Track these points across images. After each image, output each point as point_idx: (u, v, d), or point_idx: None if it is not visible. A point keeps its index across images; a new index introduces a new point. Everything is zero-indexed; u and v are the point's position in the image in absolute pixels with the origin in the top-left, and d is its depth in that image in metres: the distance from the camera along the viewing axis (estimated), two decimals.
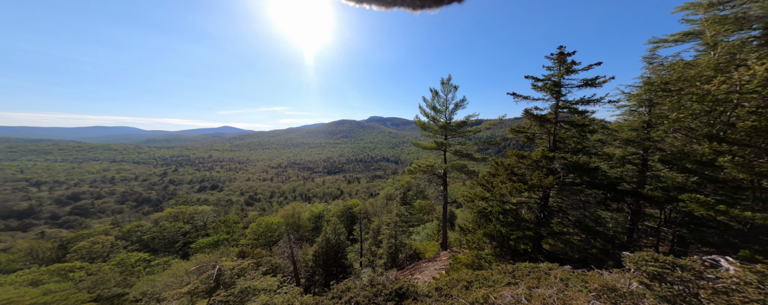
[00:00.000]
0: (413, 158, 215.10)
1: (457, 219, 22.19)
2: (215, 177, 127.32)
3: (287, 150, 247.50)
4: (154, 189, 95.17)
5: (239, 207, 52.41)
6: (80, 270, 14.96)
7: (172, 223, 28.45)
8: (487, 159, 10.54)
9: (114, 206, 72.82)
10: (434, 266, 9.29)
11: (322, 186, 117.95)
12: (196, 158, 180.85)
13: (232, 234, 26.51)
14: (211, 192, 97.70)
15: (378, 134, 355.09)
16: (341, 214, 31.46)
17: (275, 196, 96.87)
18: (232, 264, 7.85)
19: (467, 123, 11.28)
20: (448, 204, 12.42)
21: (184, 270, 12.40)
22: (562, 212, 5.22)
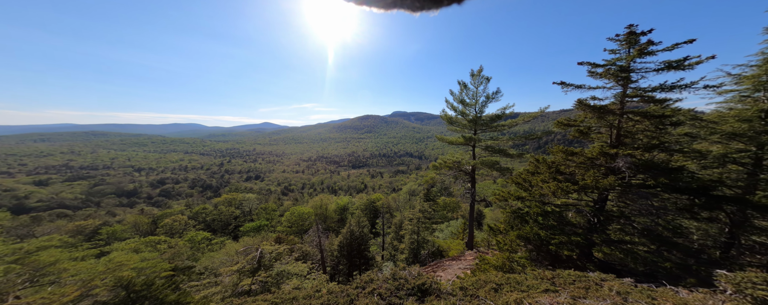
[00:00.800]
0: (438, 154, 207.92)
1: (486, 219, 20.83)
2: (258, 168, 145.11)
3: (316, 144, 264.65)
4: (214, 177, 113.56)
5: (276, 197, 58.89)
6: (163, 243, 18.85)
7: (226, 208, 33.75)
8: (524, 156, 9.48)
9: (187, 190, 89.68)
10: (458, 265, 8.98)
11: (347, 180, 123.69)
12: (244, 151, 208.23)
13: (271, 221, 29.99)
14: (255, 182, 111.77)
15: (401, 129, 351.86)
16: (365, 207, 32.63)
17: (306, 187, 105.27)
18: (271, 248, 8.72)
19: (501, 117, 10.27)
20: (476, 202, 11.70)
21: (234, 250, 14.48)
22: (624, 219, 4.39)
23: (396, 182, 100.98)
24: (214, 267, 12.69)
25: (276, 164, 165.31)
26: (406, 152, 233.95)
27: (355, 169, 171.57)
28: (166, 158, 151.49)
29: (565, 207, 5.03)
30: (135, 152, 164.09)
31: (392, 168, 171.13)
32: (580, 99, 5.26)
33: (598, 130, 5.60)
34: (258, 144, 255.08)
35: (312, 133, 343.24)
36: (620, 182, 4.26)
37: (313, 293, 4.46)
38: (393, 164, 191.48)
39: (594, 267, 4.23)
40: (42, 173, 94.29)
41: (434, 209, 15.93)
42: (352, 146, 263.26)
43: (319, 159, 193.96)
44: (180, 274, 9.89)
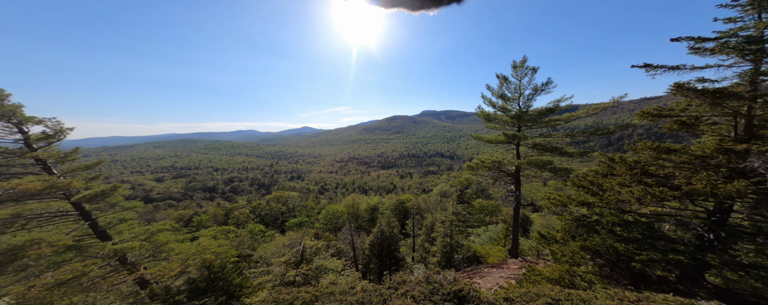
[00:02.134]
0: (472, 154, 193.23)
1: (533, 225, 18.34)
2: (299, 169, 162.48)
3: (347, 146, 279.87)
4: (266, 176, 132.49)
5: (314, 195, 64.66)
6: (232, 233, 22.73)
7: (275, 204, 38.79)
8: (590, 155, 7.87)
9: (247, 187, 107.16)
10: (499, 273, 8.07)
11: (377, 180, 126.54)
12: (288, 153, 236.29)
13: (310, 218, 32.98)
14: (297, 181, 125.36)
15: (431, 129, 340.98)
16: (394, 208, 32.71)
17: (339, 187, 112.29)
18: (311, 243, 9.40)
19: (554, 110, 8.83)
20: (521, 207, 10.33)
21: (282, 243, 16.32)
22: (763, 236, 3.17)
23: (426, 183, 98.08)
24: (267, 257, 14.23)
25: (314, 165, 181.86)
26: (436, 152, 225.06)
27: (385, 169, 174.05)
28: (233, 160, 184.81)
29: (656, 217, 3.94)
30: (213, 155, 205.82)
31: (422, 169, 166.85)
32: (679, 83, 4.06)
33: (711, 120, 4.23)
34: (299, 147, 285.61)
35: (343, 135, 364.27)
36: (756, 189, 3.09)
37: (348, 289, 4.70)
38: (422, 164, 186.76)
39: (707, 295, 3.15)
40: (159, 172, 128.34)
41: (469, 212, 14.86)
42: (380, 146, 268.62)
43: (351, 160, 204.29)
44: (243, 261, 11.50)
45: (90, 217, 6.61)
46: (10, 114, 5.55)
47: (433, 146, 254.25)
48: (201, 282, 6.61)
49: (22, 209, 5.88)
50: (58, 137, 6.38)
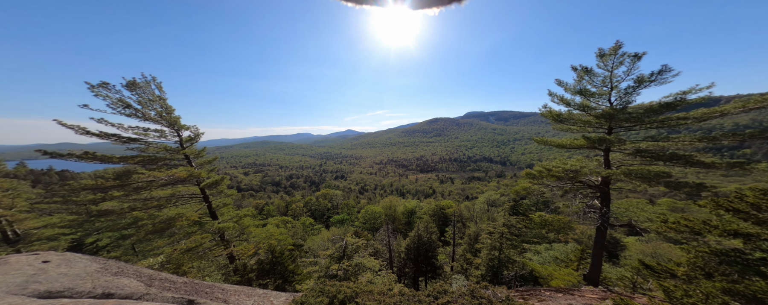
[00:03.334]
0: (531, 159, 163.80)
1: (626, 251, 14.21)
2: (343, 169, 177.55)
3: (387, 149, 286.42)
4: (316, 175, 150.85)
5: (355, 195, 68.95)
6: (289, 223, 26.64)
7: (323, 200, 43.49)
8: (747, 166, 5.25)
9: (302, 184, 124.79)
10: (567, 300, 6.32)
11: (415, 184, 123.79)
12: (334, 154, 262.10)
13: (351, 216, 35.18)
14: (340, 180, 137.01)
15: (477, 132, 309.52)
16: (433, 213, 31.16)
17: (378, 188, 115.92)
18: (353, 241, 9.88)
19: (677, 105, 6.37)
20: (610, 227, 7.91)
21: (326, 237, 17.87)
22: None
23: (470, 190, 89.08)
24: (314, 249, 15.58)
25: (355, 166, 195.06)
26: (483, 157, 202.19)
27: (424, 173, 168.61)
28: (293, 159, 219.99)
29: None
30: (279, 154, 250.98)
31: (465, 174, 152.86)
32: None
33: None
34: (343, 149, 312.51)
35: (383, 138, 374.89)
36: None
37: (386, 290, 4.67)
38: (466, 169, 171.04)
39: None
40: (245, 168, 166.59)
41: (526, 226, 12.59)
42: (420, 150, 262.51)
43: (389, 163, 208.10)
44: (296, 250, 13.08)
45: (208, 200, 9.15)
46: (174, 123, 8.38)
47: (479, 150, 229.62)
48: (266, 264, 8.00)
49: (174, 190, 8.73)
50: (196, 139, 9.12)
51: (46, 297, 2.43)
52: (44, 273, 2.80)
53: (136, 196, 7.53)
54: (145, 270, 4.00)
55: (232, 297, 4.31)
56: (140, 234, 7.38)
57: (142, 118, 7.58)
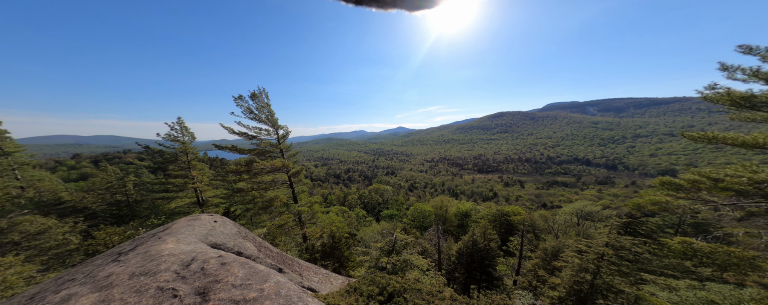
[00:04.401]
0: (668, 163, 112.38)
1: None
2: (393, 166, 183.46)
3: (439, 146, 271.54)
4: (369, 170, 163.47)
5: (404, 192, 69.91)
6: (346, 213, 30.12)
7: (374, 195, 46.85)
8: None
9: (357, 178, 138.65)
10: None
11: (471, 184, 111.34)
12: (386, 151, 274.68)
13: (399, 212, 36.01)
14: (391, 176, 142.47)
15: (564, 126, 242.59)
16: (493, 218, 27.26)
17: (428, 187, 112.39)
18: (402, 237, 10.08)
19: None
20: None
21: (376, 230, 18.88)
22: None
23: (549, 197, 71.47)
24: (365, 240, 16.70)
25: (405, 163, 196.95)
26: (572, 158, 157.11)
27: (483, 173, 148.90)
28: (350, 154, 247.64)
29: None
30: (340, 150, 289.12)
31: (542, 178, 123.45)
32: None
33: None
34: (394, 145, 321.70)
35: (435, 135, 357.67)
36: None
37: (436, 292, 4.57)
38: (544, 172, 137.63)
39: None
40: (315, 161, 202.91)
41: (654, 252, 8.91)
42: (478, 148, 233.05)
43: (442, 161, 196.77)
44: (351, 238, 14.63)
45: (292, 186, 11.97)
46: (274, 123, 11.30)
47: (566, 148, 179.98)
48: (328, 247, 9.52)
49: (273, 177, 11.93)
50: (286, 136, 12.04)
51: (213, 246, 4.09)
52: (214, 229, 4.68)
53: (254, 179, 10.86)
54: (257, 237, 5.81)
55: (305, 272, 5.51)
56: (255, 208, 10.61)
57: (257, 120, 10.54)
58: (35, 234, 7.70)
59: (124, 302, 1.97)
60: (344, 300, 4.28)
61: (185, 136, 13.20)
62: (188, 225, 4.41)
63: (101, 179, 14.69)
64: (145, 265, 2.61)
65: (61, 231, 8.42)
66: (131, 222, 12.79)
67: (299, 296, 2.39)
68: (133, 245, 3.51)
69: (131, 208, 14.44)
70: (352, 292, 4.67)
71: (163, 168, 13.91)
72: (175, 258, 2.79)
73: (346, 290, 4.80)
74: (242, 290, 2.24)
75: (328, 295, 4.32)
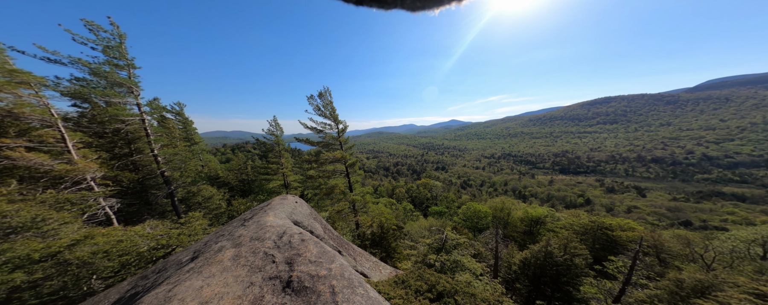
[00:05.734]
0: None
1: None
2: (444, 161, 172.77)
3: (502, 141, 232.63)
4: (418, 164, 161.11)
5: (456, 189, 64.75)
6: (394, 205, 30.84)
7: (423, 190, 45.99)
8: None
9: (405, 171, 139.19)
10: None
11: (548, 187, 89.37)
12: (436, 145, 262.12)
13: (449, 210, 33.73)
14: (441, 172, 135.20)
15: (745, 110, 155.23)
16: (583, 231, 21.10)
17: (485, 185, 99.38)
18: (453, 236, 9.62)
19: None
20: None
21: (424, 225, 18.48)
22: None
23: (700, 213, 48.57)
24: (412, 234, 16.81)
25: (458, 158, 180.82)
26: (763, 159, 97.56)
27: (569, 175, 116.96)
28: (399, 148, 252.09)
29: None
30: (389, 143, 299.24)
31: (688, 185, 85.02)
32: None
33: None
34: (446, 139, 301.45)
35: (497, 128, 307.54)
36: None
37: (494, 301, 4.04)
38: (690, 177, 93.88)
39: None
40: (368, 153, 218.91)
41: None
42: (563, 143, 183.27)
43: (505, 157, 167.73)
44: (398, 230, 15.17)
45: (348, 176, 13.53)
46: (336, 119, 12.99)
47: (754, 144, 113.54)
48: (377, 237, 10.15)
49: (334, 167, 13.87)
50: (345, 130, 13.65)
51: (295, 223, 5.22)
52: (295, 208, 5.98)
53: (320, 168, 13.01)
54: (323, 220, 6.95)
55: (358, 257, 6.14)
56: (320, 194, 12.73)
57: (323, 116, 12.39)
58: (207, 198, 12.44)
59: (246, 258, 2.84)
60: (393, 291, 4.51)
61: (278, 130, 17.27)
62: (280, 203, 5.81)
63: (235, 163, 21.67)
64: (257, 232, 3.65)
65: (218, 198, 13.17)
66: (250, 196, 18.29)
67: (359, 280, 2.67)
68: (251, 214, 4.99)
69: (250, 185, 20.56)
70: (399, 284, 4.84)
71: (265, 156, 18.85)
72: (274, 230, 3.75)
73: (394, 281, 5.02)
74: (316, 266, 2.73)
75: (378, 283, 4.64)
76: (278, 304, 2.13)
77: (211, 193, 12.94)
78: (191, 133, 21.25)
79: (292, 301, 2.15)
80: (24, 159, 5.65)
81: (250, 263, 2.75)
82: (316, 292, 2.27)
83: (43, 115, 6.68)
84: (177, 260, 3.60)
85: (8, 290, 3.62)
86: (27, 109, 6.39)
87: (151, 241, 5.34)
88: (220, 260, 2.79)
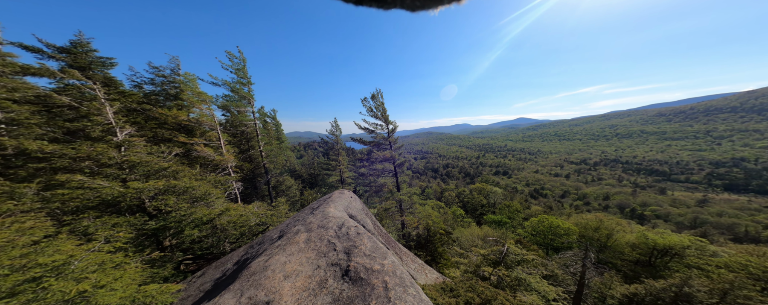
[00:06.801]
0: None
1: None
2: (507, 164, 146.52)
3: (602, 142, 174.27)
4: (472, 167, 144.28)
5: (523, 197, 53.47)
6: (442, 209, 29.16)
7: (477, 195, 40.80)
8: None
9: (456, 174, 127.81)
10: None
11: (696, 208, 59.03)
12: (496, 147, 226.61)
13: (512, 221, 28.25)
14: (501, 177, 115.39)
15: None
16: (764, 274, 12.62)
17: (569, 197, 77.30)
18: (518, 251, 8.36)
19: None
20: None
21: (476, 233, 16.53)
22: None
23: None
24: (461, 241, 15.66)
25: (527, 163, 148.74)
26: None
27: (737, 193, 74.54)
28: (450, 149, 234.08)
29: None
30: (438, 144, 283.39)
31: None
32: None
33: None
34: (509, 140, 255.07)
35: (594, 126, 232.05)
36: None
37: None
38: None
39: None
40: (416, 154, 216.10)
41: None
42: (729, 146, 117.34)
43: (609, 163, 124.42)
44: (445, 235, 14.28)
45: (396, 175, 13.87)
46: (386, 119, 13.67)
47: None
48: (422, 239, 9.84)
49: (384, 166, 14.56)
50: (395, 130, 14.07)
51: (350, 216, 5.88)
52: (350, 203, 6.74)
53: (371, 167, 14.00)
54: (373, 216, 7.46)
55: (405, 257, 6.19)
56: (370, 191, 13.65)
57: (375, 117, 13.23)
58: (288, 187, 15.96)
59: (315, 243, 3.46)
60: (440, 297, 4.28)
61: (337, 130, 19.84)
62: (339, 197, 6.68)
63: (306, 159, 26.67)
64: (323, 220, 4.37)
65: (295, 188, 16.66)
66: (315, 188, 22.00)
67: (411, 281, 2.72)
68: (317, 204, 6.01)
69: (315, 179, 24.72)
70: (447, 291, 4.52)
71: (327, 153, 22.10)
72: (335, 220, 4.38)
73: (442, 287, 4.75)
74: (370, 260, 2.98)
75: (424, 286, 4.54)
76: (338, 290, 2.49)
77: (291, 183, 16.48)
78: (280, 133, 27.77)
79: (349, 289, 2.45)
80: (203, 152, 9.14)
81: (317, 247, 3.34)
82: (370, 285, 2.48)
83: (211, 122, 10.55)
84: (270, 236, 4.84)
85: (190, 240, 6.02)
86: (205, 118, 10.28)
87: (257, 218, 7.42)
88: (296, 241, 3.54)
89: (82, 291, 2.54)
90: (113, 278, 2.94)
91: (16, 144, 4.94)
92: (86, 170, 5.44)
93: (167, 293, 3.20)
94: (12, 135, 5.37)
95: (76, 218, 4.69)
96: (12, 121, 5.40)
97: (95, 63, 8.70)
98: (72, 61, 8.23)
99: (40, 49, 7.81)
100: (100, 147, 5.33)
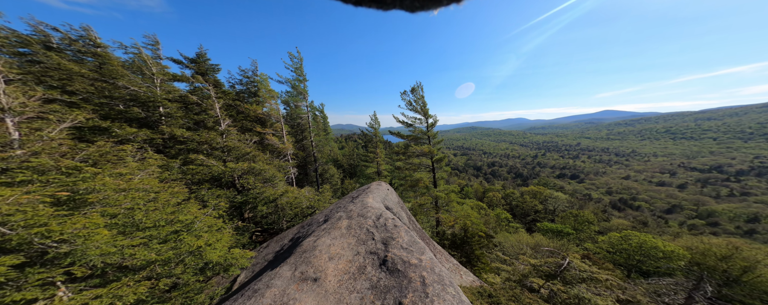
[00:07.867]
0: None
1: None
2: (578, 167, 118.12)
3: (756, 142, 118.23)
4: (526, 167, 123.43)
5: (601, 207, 42.41)
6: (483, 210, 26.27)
7: (530, 199, 34.87)
8: None
9: (505, 174, 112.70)
10: None
11: None
12: (563, 145, 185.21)
13: (579, 233, 23.17)
14: (569, 181, 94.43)
15: None
16: None
17: (680, 213, 57.00)
18: (583, 266, 6.97)
19: None
20: None
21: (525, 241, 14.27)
22: None
23: None
24: (505, 246, 14.27)
25: (613, 166, 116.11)
26: None
27: None
28: (498, 146, 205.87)
29: None
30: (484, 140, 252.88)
31: None
32: None
33: None
34: (585, 138, 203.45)
35: (742, 120, 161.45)
36: None
37: None
38: None
39: None
40: (455, 150, 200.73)
41: None
42: None
43: (762, 173, 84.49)
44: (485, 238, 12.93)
45: (434, 172, 13.29)
46: (426, 113, 13.04)
47: None
48: (458, 239, 9.20)
49: (421, 161, 14.17)
50: (434, 124, 13.39)
51: (386, 208, 6.05)
52: (387, 195, 6.92)
53: (408, 161, 13.88)
54: (407, 210, 7.46)
55: (438, 255, 5.98)
56: (405, 185, 13.61)
57: (414, 111, 12.84)
58: (332, 175, 17.75)
59: (355, 230, 3.72)
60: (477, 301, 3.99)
61: (376, 123, 20.49)
62: (377, 188, 6.95)
63: (346, 150, 28.89)
64: (362, 210, 4.66)
65: (337, 177, 18.39)
66: (354, 178, 23.68)
67: (450, 280, 2.61)
68: (357, 193, 6.44)
69: (355, 169, 26.54)
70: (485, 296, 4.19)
71: (366, 146, 23.27)
72: (373, 211, 4.59)
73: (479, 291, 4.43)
74: (407, 253, 3.00)
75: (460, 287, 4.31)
76: (376, 277, 2.62)
77: (334, 172, 18.28)
78: (327, 126, 30.85)
79: (387, 278, 2.54)
80: (271, 140, 11.21)
81: (357, 235, 3.60)
82: (407, 278, 2.50)
83: (277, 114, 12.72)
84: (317, 219, 5.53)
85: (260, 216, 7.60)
86: (273, 111, 12.48)
87: (307, 202, 8.62)
88: (339, 226, 3.91)
89: (199, 246, 3.60)
90: (216, 239, 4.03)
91: (170, 131, 7.37)
92: (204, 151, 7.58)
93: (246, 258, 4.18)
94: (168, 124, 7.96)
95: (198, 187, 6.66)
96: (168, 114, 8.01)
97: (209, 69, 11.80)
98: (197, 69, 11.43)
99: (181, 61, 11.24)
100: (212, 134, 7.32)
